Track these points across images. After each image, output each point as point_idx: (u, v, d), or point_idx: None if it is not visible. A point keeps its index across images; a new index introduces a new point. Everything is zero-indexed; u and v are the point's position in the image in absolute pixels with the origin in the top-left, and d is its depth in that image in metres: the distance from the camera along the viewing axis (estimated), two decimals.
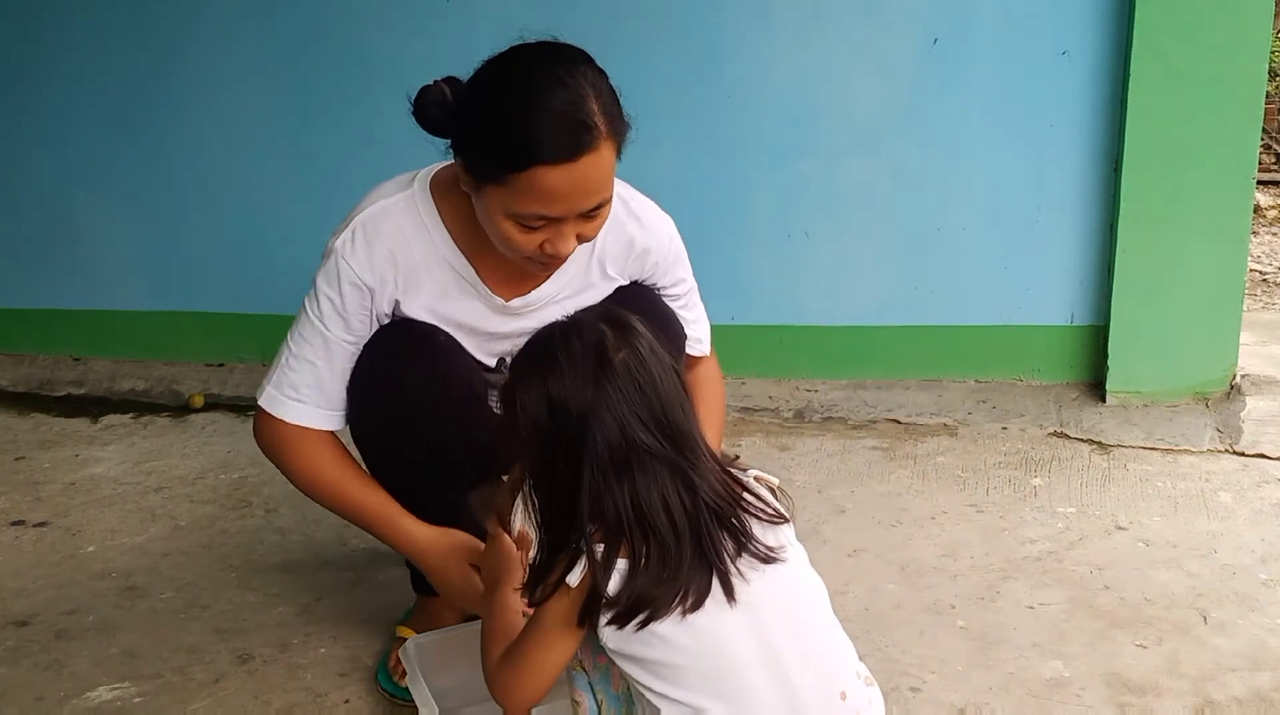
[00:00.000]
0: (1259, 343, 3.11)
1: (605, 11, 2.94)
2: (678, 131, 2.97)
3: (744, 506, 1.19)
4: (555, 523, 1.19)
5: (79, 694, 1.79)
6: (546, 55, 1.41)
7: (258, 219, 3.31)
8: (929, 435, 2.74)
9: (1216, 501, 2.31)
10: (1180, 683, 1.70)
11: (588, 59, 1.43)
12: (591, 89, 1.37)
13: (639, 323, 1.21)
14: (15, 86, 3.41)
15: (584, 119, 1.35)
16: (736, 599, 1.14)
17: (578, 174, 1.37)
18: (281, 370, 1.61)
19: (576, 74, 1.38)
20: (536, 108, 1.35)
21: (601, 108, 1.37)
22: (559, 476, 1.16)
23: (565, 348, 1.16)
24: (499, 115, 1.38)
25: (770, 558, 1.18)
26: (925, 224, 2.91)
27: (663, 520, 1.13)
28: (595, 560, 1.14)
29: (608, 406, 1.13)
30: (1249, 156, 2.65)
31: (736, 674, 1.14)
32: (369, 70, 3.10)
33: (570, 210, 1.41)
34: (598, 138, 1.37)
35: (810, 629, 1.19)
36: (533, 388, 1.16)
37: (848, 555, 2.15)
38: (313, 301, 1.59)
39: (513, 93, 1.38)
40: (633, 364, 1.16)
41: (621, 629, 1.13)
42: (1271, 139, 6.37)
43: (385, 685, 1.75)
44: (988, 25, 2.77)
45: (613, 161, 1.41)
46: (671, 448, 1.16)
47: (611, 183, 1.44)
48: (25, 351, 3.60)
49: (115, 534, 2.39)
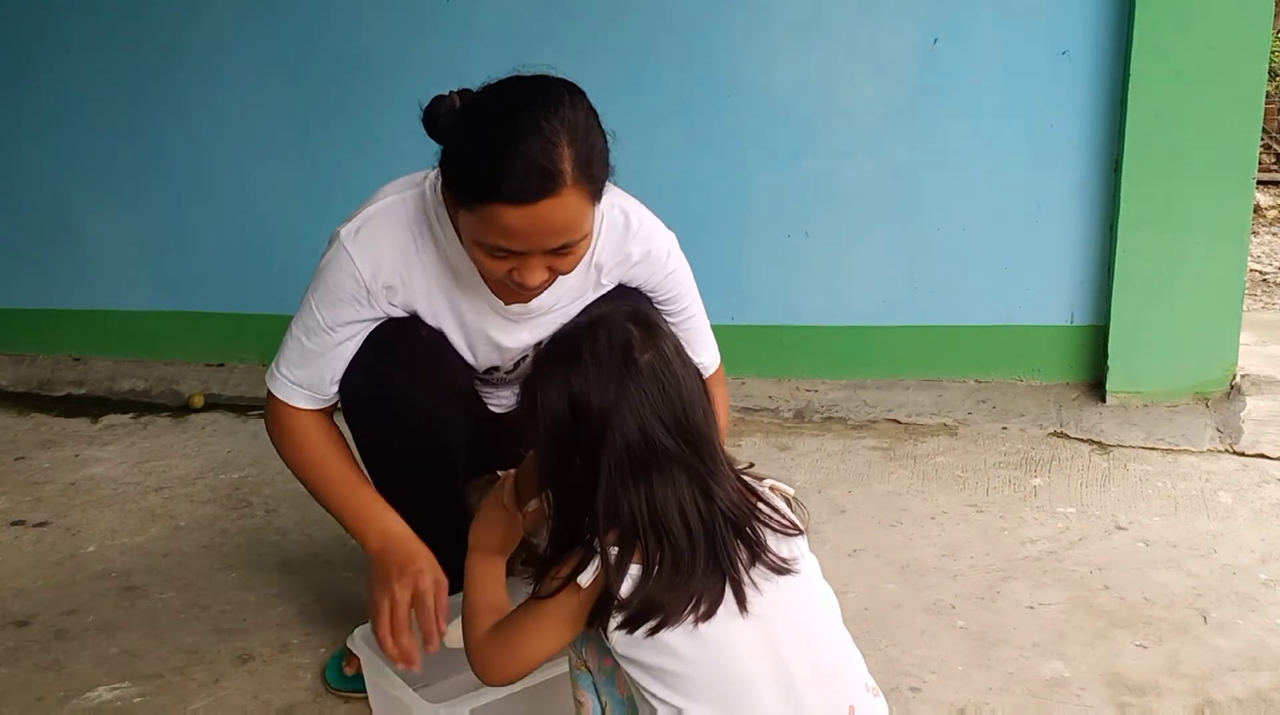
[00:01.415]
0: (1259, 343, 3.11)
1: (605, 11, 2.94)
2: (678, 131, 2.97)
3: (759, 516, 1.18)
4: (569, 516, 1.18)
5: (79, 694, 1.80)
6: (531, 95, 1.41)
7: (258, 219, 3.31)
8: (929, 435, 2.74)
9: (1216, 501, 2.31)
10: (1180, 683, 1.70)
11: (576, 101, 1.42)
12: (567, 135, 1.37)
13: (665, 323, 1.21)
14: (15, 86, 3.41)
15: (548, 166, 1.36)
16: (749, 609, 1.13)
17: (536, 216, 1.38)
18: (283, 351, 1.66)
19: (556, 119, 1.38)
20: (504, 148, 1.37)
21: (574, 154, 1.37)
22: (576, 471, 1.15)
23: (591, 344, 1.15)
24: (472, 147, 1.41)
25: (784, 569, 1.17)
26: (925, 224, 2.91)
27: (678, 525, 1.13)
28: (609, 563, 1.13)
29: (629, 406, 1.13)
30: (1249, 156, 2.65)
31: (745, 686, 1.12)
32: (369, 70, 3.10)
33: (532, 247, 1.43)
34: (560, 185, 1.37)
35: (821, 642, 1.18)
36: (555, 381, 1.16)
37: (848, 555, 2.15)
38: (314, 286, 1.61)
39: (488, 129, 1.40)
40: (658, 365, 1.15)
41: (631, 634, 1.12)
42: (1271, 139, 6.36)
43: (334, 681, 1.77)
44: (988, 25, 2.77)
45: (581, 206, 1.41)
46: (691, 452, 1.15)
47: (582, 225, 1.43)
48: (25, 351, 3.60)
49: (115, 534, 2.39)
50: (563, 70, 1.47)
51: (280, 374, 1.65)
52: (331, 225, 1.63)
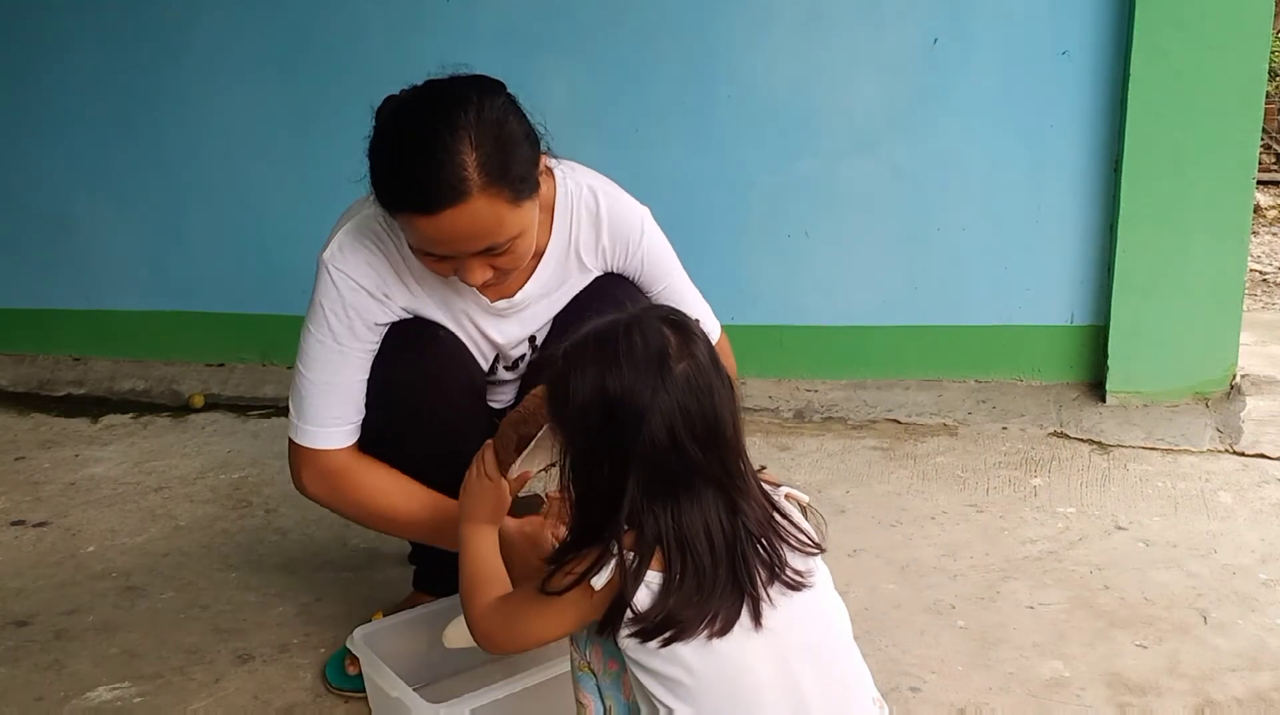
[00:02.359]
0: (1259, 343, 3.11)
1: (605, 11, 2.94)
2: (678, 131, 2.97)
3: (780, 532, 1.17)
4: (589, 512, 1.17)
5: (79, 694, 1.80)
6: (434, 103, 1.40)
7: (258, 219, 3.31)
8: (929, 435, 2.74)
9: (1216, 501, 2.31)
10: (1180, 683, 1.70)
11: (486, 101, 1.40)
12: (471, 141, 1.36)
13: (698, 328, 1.19)
14: (15, 86, 3.41)
15: (446, 178, 1.35)
16: (763, 625, 1.12)
17: (443, 225, 1.38)
18: (303, 400, 1.61)
19: (460, 124, 1.36)
20: (406, 160, 1.37)
21: (479, 159, 1.36)
22: (601, 470, 1.14)
23: (628, 347, 1.13)
24: (379, 158, 1.42)
25: (799, 584, 1.16)
26: (925, 224, 2.91)
27: (702, 541, 1.12)
28: (626, 570, 1.12)
29: (662, 415, 1.10)
30: (1249, 156, 2.65)
31: (753, 699, 1.12)
32: (369, 70, 3.09)
33: (455, 251, 1.43)
34: (463, 194, 1.36)
35: (831, 656, 1.18)
36: (589, 379, 1.13)
37: (848, 555, 2.15)
38: (315, 320, 1.59)
39: (389, 142, 1.41)
40: (692, 374, 1.13)
41: (644, 643, 1.12)
42: (1271, 139, 6.37)
43: (334, 681, 1.77)
44: (988, 25, 2.77)
45: (496, 209, 1.40)
46: (719, 465, 1.14)
47: (503, 227, 1.42)
48: (25, 351, 3.61)
49: (115, 534, 2.39)
50: (563, 70, 1.47)
51: (308, 427, 1.60)
52: (331, 225, 1.63)
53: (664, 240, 1.72)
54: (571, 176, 1.63)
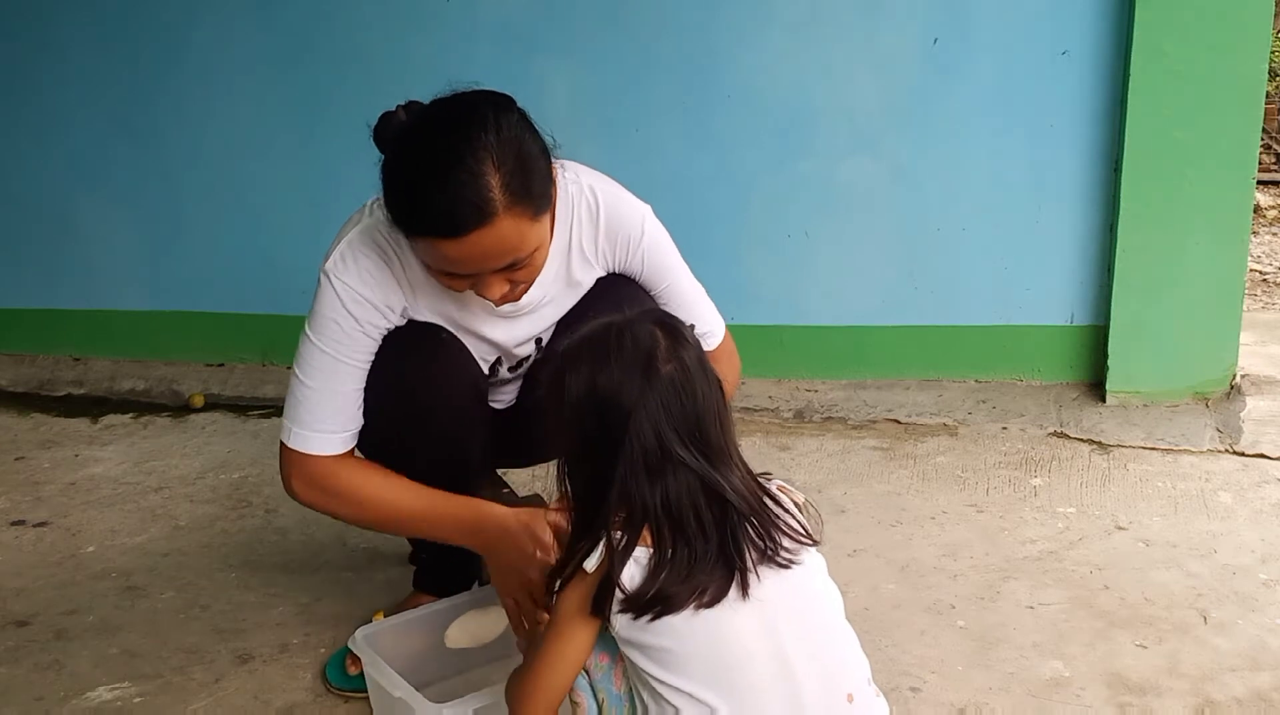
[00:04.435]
0: (1259, 343, 3.11)
1: (605, 11, 2.94)
2: (678, 131, 2.97)
3: (771, 516, 1.21)
4: (587, 510, 1.21)
5: (79, 694, 1.80)
6: (453, 122, 1.38)
7: (258, 219, 3.31)
8: (929, 435, 2.74)
9: (1216, 501, 2.31)
10: (1180, 683, 1.70)
11: (502, 118, 1.39)
12: (493, 162, 1.35)
13: (689, 332, 1.22)
14: (15, 86, 3.41)
15: (473, 200, 1.34)
16: (749, 594, 1.16)
17: (467, 246, 1.37)
18: (295, 412, 1.61)
19: (481, 146, 1.35)
20: (429, 185, 1.36)
21: (503, 180, 1.35)
22: (594, 467, 1.19)
23: (618, 347, 1.18)
24: (399, 182, 1.40)
25: (789, 562, 1.19)
26: (925, 224, 2.91)
27: (691, 520, 1.16)
28: (614, 547, 1.16)
29: (647, 413, 1.16)
30: (1249, 156, 2.64)
31: (741, 666, 1.15)
32: (369, 70, 3.10)
33: (475, 270, 1.43)
34: (490, 215, 1.35)
35: (820, 630, 1.20)
36: (582, 377, 1.18)
37: (848, 555, 2.15)
38: (315, 329, 1.58)
39: (408, 166, 1.39)
40: (678, 377, 1.18)
41: (636, 619, 1.15)
42: (1271, 139, 6.36)
43: (335, 680, 1.77)
44: (988, 25, 2.77)
45: (519, 227, 1.39)
46: (705, 462, 1.18)
47: (525, 243, 1.42)
48: (25, 351, 3.61)
49: (115, 534, 2.39)
50: (563, 70, 1.47)
51: (301, 432, 1.60)
52: (331, 226, 1.63)
53: (667, 239, 1.72)
54: (572, 176, 1.63)
